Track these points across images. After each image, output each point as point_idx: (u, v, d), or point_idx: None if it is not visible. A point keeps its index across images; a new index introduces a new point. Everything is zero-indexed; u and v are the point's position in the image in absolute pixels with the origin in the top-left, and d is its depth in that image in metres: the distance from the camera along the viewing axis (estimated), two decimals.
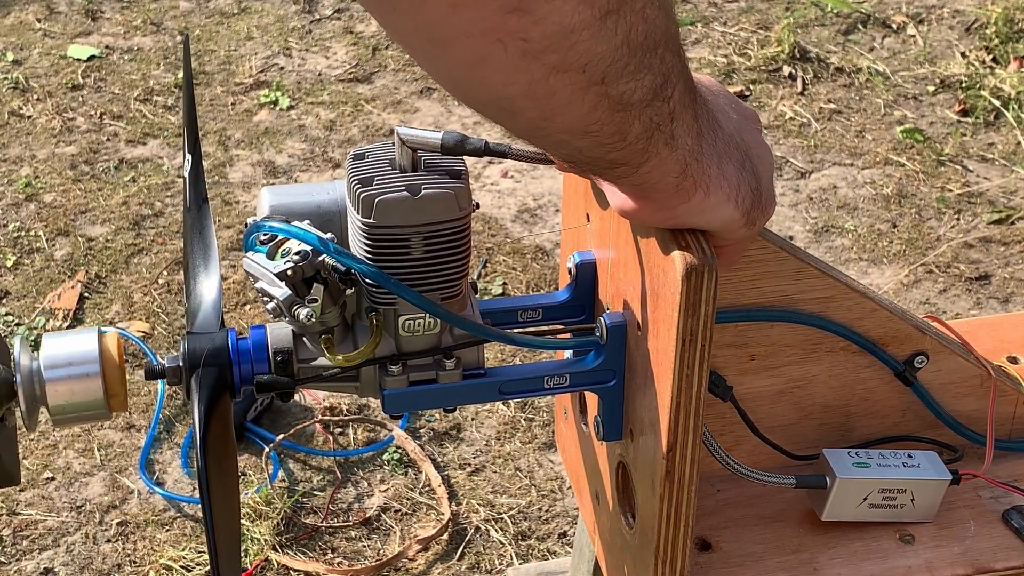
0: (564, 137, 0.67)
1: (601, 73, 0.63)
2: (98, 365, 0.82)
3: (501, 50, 0.60)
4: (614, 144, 0.67)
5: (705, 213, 0.76)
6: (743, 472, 0.95)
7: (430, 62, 0.63)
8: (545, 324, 1.00)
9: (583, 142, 0.67)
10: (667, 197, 0.74)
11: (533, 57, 0.60)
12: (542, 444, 2.07)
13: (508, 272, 2.43)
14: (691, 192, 0.74)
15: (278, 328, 0.88)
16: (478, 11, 0.58)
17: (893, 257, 2.49)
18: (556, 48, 0.60)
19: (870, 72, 3.07)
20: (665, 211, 0.76)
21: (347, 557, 1.88)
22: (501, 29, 0.59)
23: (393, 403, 0.89)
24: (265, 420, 2.10)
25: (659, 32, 0.65)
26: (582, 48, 0.61)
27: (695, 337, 0.80)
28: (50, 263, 2.47)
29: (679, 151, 0.71)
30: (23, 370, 0.82)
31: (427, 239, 0.83)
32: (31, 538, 1.91)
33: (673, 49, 0.67)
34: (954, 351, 1.05)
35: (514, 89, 0.63)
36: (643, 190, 0.74)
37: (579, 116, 0.65)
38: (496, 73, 0.61)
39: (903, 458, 1.01)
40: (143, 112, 2.95)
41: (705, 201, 0.75)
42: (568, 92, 0.63)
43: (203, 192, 0.97)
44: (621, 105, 0.65)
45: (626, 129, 0.67)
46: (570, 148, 0.68)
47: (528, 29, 0.59)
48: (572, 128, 0.66)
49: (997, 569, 1.00)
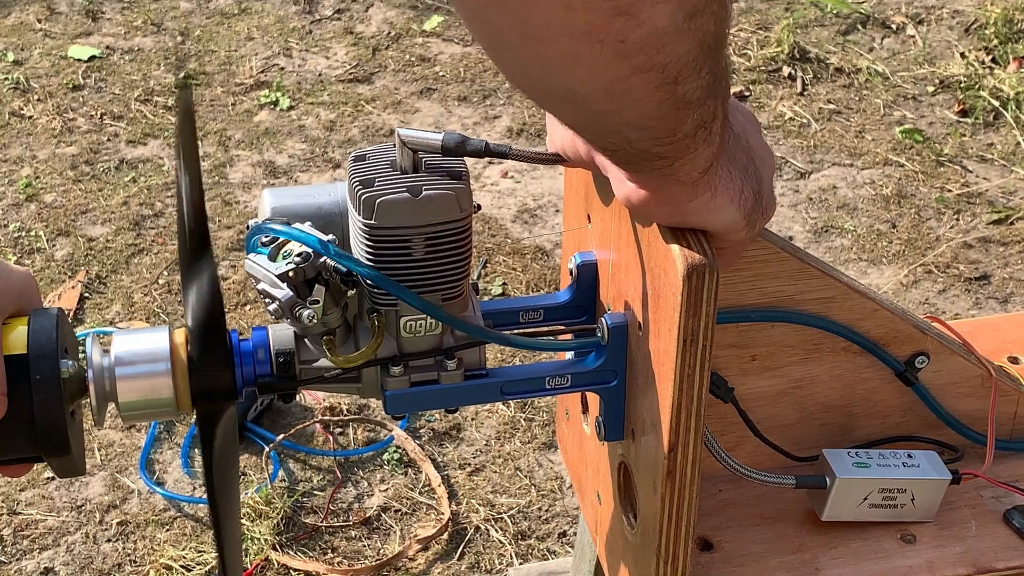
0: (621, 129, 0.68)
1: (676, 72, 0.64)
2: (169, 364, 0.82)
3: (598, 50, 0.61)
4: (665, 138, 0.69)
5: (710, 213, 0.77)
6: (743, 472, 0.95)
7: (513, 56, 0.64)
8: (546, 325, 1.01)
9: (637, 135, 0.68)
10: (681, 192, 0.75)
11: (624, 57, 0.61)
12: (542, 444, 2.07)
13: (508, 272, 2.43)
14: (702, 191, 0.75)
15: (280, 329, 0.88)
16: (589, 12, 0.59)
17: (893, 257, 2.49)
18: (647, 49, 0.61)
19: (870, 72, 3.08)
20: (673, 206, 0.77)
21: (347, 557, 1.89)
22: (604, 30, 0.59)
23: (395, 404, 0.90)
24: (265, 420, 2.10)
25: (723, 31, 0.66)
26: (668, 49, 0.62)
27: (696, 337, 0.81)
28: (50, 263, 2.47)
29: (711, 148, 0.72)
30: (95, 366, 0.83)
31: (428, 240, 0.83)
32: (31, 538, 1.91)
33: (723, 49, 0.68)
34: (955, 351, 1.05)
35: (595, 85, 0.64)
36: (663, 182, 0.75)
37: (644, 112, 0.66)
38: (583, 71, 0.62)
39: (903, 458, 1.02)
40: (143, 112, 2.95)
41: (712, 201, 0.76)
42: (643, 90, 0.64)
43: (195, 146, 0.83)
44: (684, 103, 0.66)
45: (679, 126, 0.68)
46: (620, 139, 0.69)
47: (629, 31, 0.60)
48: (633, 122, 0.67)
49: (998, 569, 1.00)
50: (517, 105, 2.96)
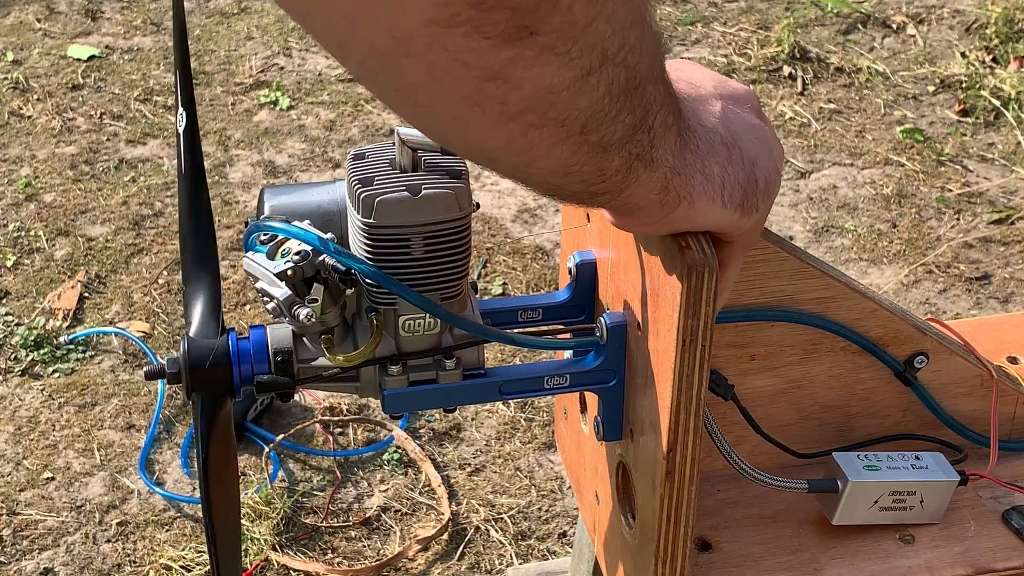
0: (546, 177, 0.67)
1: (580, 124, 0.62)
2: None
3: (480, 113, 0.59)
4: (594, 180, 0.67)
5: (694, 219, 0.75)
6: (754, 476, 0.95)
7: (410, 119, 0.63)
8: (545, 324, 1.00)
9: (564, 180, 0.67)
10: (651, 212, 0.73)
11: (511, 118, 0.60)
12: (542, 444, 2.07)
13: (508, 272, 2.43)
14: (675, 204, 0.73)
15: (278, 328, 0.88)
16: (456, 81, 0.57)
17: (893, 257, 2.49)
18: (534, 109, 0.60)
19: (870, 72, 3.07)
20: (650, 225, 0.76)
21: (347, 557, 1.88)
22: (479, 95, 0.58)
23: (393, 403, 0.89)
24: (265, 420, 2.10)
25: (642, 72, 0.64)
26: (561, 106, 0.60)
27: (695, 337, 0.80)
28: (50, 263, 2.47)
29: (659, 171, 0.70)
30: None
31: (427, 239, 0.83)
32: (31, 538, 1.91)
33: (656, 78, 0.66)
34: (954, 351, 1.05)
35: (493, 143, 0.62)
36: (627, 210, 0.74)
37: (559, 162, 0.64)
38: (475, 131, 0.61)
39: (911, 460, 1.01)
40: (143, 112, 2.95)
41: (691, 210, 0.74)
42: (547, 144, 0.62)
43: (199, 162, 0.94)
44: (601, 147, 0.65)
45: (606, 166, 0.66)
46: (550, 186, 0.68)
47: (506, 95, 0.58)
48: (552, 171, 0.66)
49: (997, 569, 1.00)
50: None
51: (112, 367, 2.22)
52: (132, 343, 2.25)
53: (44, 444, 2.07)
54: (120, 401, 2.14)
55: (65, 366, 2.22)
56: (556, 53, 0.57)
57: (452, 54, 0.55)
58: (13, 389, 2.18)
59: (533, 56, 0.57)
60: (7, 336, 2.28)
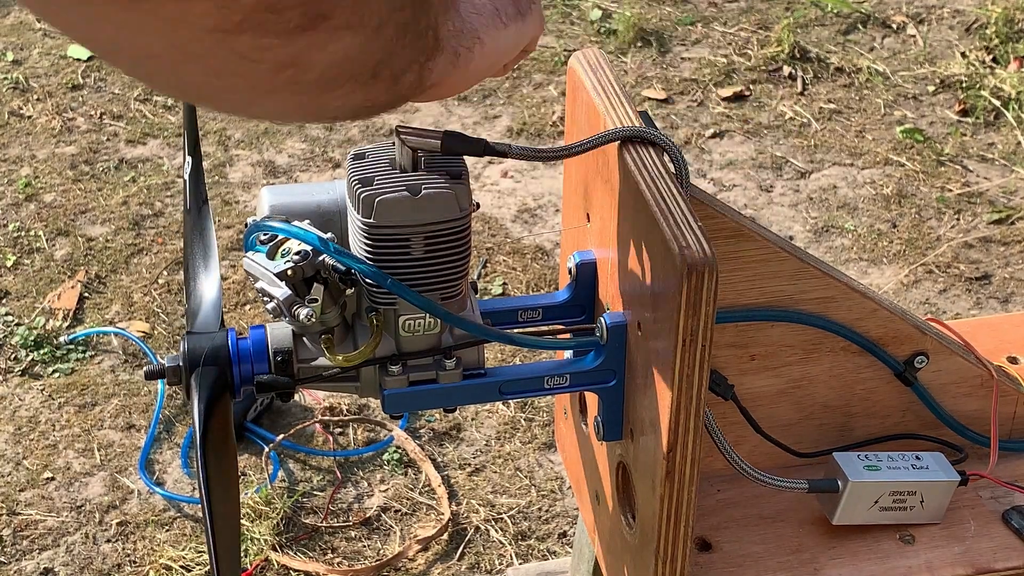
0: (339, 117, 0.63)
1: (371, 72, 0.59)
2: None
3: (271, 97, 0.57)
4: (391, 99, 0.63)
5: (494, 52, 0.73)
6: (754, 476, 0.95)
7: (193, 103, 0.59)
8: (545, 324, 1.00)
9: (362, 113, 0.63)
10: (452, 78, 0.70)
11: (304, 93, 0.57)
12: (542, 444, 2.07)
13: (508, 272, 2.43)
14: (468, 59, 0.70)
15: (278, 328, 0.88)
16: (246, 76, 0.54)
17: (893, 257, 2.49)
18: (328, 79, 0.57)
19: (870, 72, 3.07)
20: (457, 84, 0.71)
21: (347, 557, 1.88)
22: (271, 83, 0.55)
23: (393, 403, 0.89)
24: (265, 420, 2.10)
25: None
26: (352, 67, 0.57)
27: (695, 337, 0.80)
28: (50, 263, 2.47)
29: (447, 47, 0.67)
30: None
31: (427, 239, 0.83)
32: (31, 538, 1.91)
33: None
34: (954, 351, 1.05)
35: (284, 111, 0.60)
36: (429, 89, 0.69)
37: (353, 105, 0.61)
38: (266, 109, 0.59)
39: (911, 460, 1.01)
40: (143, 112, 2.95)
41: (484, 48, 0.72)
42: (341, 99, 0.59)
43: (203, 194, 0.97)
44: (393, 78, 0.61)
45: (399, 87, 0.63)
46: (343, 118, 0.64)
47: (300, 77, 0.55)
48: (347, 113, 0.63)
49: (997, 569, 1.00)
50: (517, 105, 2.96)
51: (112, 367, 2.22)
52: (132, 343, 2.25)
53: (44, 444, 2.07)
54: (120, 401, 2.14)
55: (65, 366, 2.22)
56: (349, 27, 0.55)
57: (240, 54, 0.52)
58: (13, 389, 2.18)
59: (327, 37, 0.54)
60: (7, 336, 2.28)
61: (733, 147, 2.82)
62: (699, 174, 2.72)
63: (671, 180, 0.84)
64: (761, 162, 2.77)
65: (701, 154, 2.80)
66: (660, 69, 3.09)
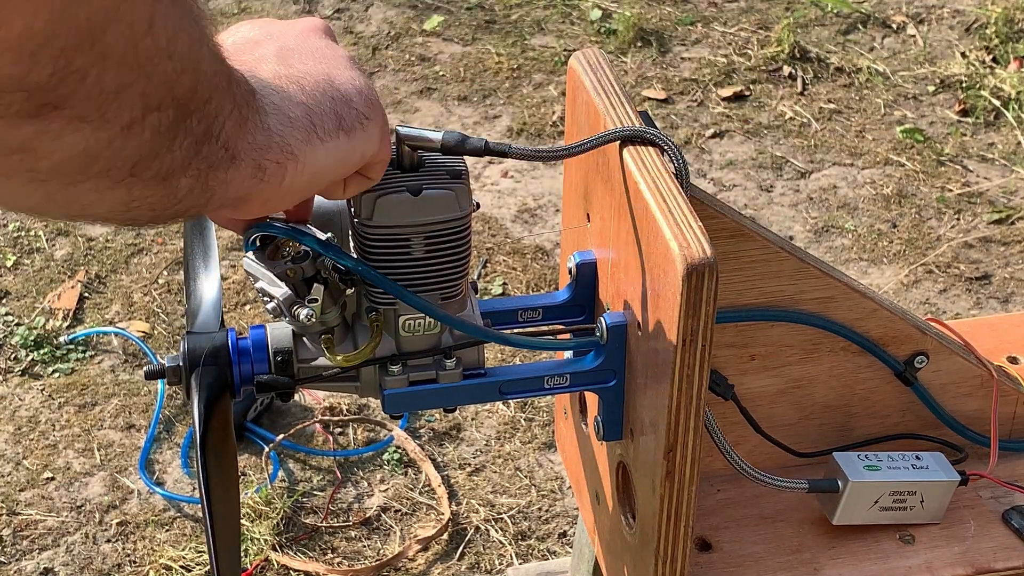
0: (110, 216, 0.62)
1: (128, 169, 0.57)
2: None
3: (7, 182, 0.55)
4: (167, 205, 0.62)
5: (306, 172, 0.70)
6: (755, 476, 0.95)
7: None
8: (545, 324, 1.00)
9: (133, 214, 0.62)
10: (262, 193, 0.68)
11: (43, 182, 0.55)
12: (542, 444, 2.07)
13: (508, 272, 2.43)
14: (281, 174, 0.68)
15: (278, 328, 0.88)
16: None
17: (893, 257, 2.49)
18: (70, 171, 0.55)
19: (870, 72, 3.07)
20: (273, 200, 0.71)
21: (347, 557, 1.88)
22: (2, 167, 0.54)
23: (393, 403, 0.89)
24: (265, 420, 2.10)
25: (200, 93, 0.59)
26: (102, 160, 0.56)
27: (695, 337, 0.80)
28: (50, 263, 2.47)
29: (246, 160, 0.66)
30: None
31: (427, 239, 0.83)
32: (31, 538, 1.91)
33: (217, 85, 0.60)
34: (954, 351, 1.05)
35: (32, 201, 0.58)
36: (235, 204, 0.69)
37: (116, 203, 0.59)
38: (7, 194, 0.57)
39: (912, 460, 1.01)
40: None
41: (300, 165, 0.70)
42: (95, 193, 0.58)
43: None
44: (161, 178, 0.60)
45: (175, 190, 0.61)
46: (122, 220, 0.63)
47: (35, 164, 0.54)
48: (114, 211, 0.61)
49: (997, 569, 1.00)
50: (517, 105, 2.96)
51: (112, 367, 2.22)
52: (132, 343, 2.25)
53: (44, 444, 2.07)
54: (120, 401, 2.14)
55: (65, 366, 2.22)
56: (88, 120, 0.53)
57: None
58: (13, 389, 2.18)
59: (60, 127, 0.52)
60: (7, 336, 2.28)
61: (733, 147, 2.82)
62: (699, 174, 2.72)
63: (671, 180, 0.84)
64: (761, 162, 2.77)
65: (701, 154, 2.80)
66: (660, 69, 3.09)
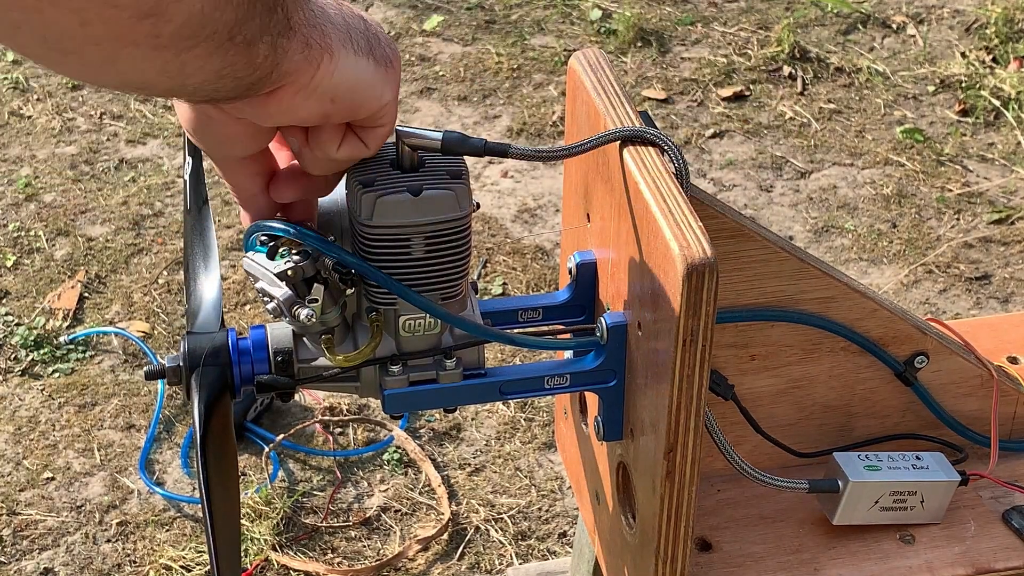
0: (200, 87, 0.67)
1: (228, 33, 0.63)
2: None
3: (132, 51, 0.60)
4: (247, 73, 0.68)
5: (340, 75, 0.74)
6: (755, 476, 0.95)
7: (54, 66, 0.63)
8: (545, 324, 1.00)
9: (218, 84, 0.67)
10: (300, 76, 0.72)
11: (164, 47, 0.61)
12: (542, 444, 2.07)
13: (508, 272, 2.43)
14: (318, 59, 0.72)
15: (278, 328, 0.88)
16: (106, 23, 0.57)
17: (893, 257, 2.49)
18: (187, 35, 0.61)
19: (870, 72, 3.08)
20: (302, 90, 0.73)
21: (347, 557, 1.88)
22: (133, 34, 0.59)
23: (393, 403, 0.89)
24: (265, 420, 2.10)
25: None
26: (211, 25, 0.62)
27: (696, 337, 0.80)
28: (50, 263, 2.47)
29: (298, 33, 0.70)
30: None
31: (428, 239, 0.83)
32: (31, 538, 1.91)
33: None
34: (955, 351, 1.05)
35: (147, 75, 0.63)
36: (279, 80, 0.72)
37: (213, 71, 0.65)
38: (128, 67, 0.62)
39: (912, 460, 1.01)
40: (143, 112, 2.95)
41: (332, 63, 0.73)
42: (200, 60, 0.64)
43: (203, 194, 0.97)
44: (247, 44, 0.65)
45: (254, 57, 0.67)
46: (206, 93, 0.69)
47: (160, 29, 0.59)
48: (207, 80, 0.66)
49: (997, 569, 1.00)
50: (517, 105, 2.96)
51: (112, 367, 2.22)
52: (132, 343, 2.25)
53: (44, 444, 2.07)
54: (120, 401, 2.14)
55: (65, 366, 2.22)
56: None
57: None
58: (13, 389, 2.18)
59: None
60: (7, 336, 2.28)
61: (733, 147, 2.82)
62: (699, 174, 2.72)
63: (671, 180, 0.84)
64: (761, 162, 2.77)
65: (701, 154, 2.80)
66: (660, 69, 3.09)
